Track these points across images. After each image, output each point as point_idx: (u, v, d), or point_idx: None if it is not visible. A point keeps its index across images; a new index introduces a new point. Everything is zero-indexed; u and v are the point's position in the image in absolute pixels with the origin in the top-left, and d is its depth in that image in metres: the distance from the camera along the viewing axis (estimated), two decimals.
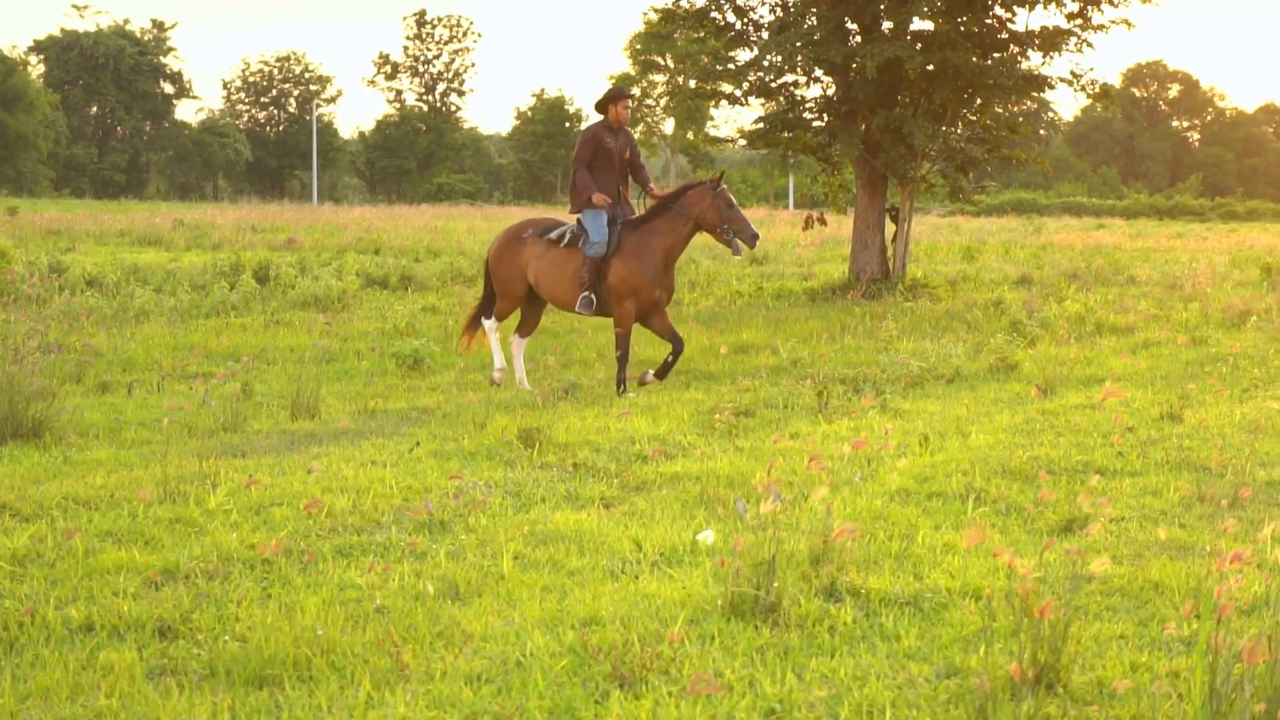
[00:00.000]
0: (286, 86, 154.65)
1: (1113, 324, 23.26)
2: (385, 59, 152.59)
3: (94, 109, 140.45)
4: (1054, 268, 37.31)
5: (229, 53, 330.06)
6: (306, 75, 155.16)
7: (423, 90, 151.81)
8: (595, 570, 8.78)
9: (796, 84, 32.16)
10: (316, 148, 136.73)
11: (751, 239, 16.30)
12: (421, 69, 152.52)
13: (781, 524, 8.42)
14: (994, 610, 7.80)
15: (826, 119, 31.38)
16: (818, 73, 31.47)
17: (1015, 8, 30.58)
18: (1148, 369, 18.27)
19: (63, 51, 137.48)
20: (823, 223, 33.48)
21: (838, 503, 10.29)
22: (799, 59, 30.24)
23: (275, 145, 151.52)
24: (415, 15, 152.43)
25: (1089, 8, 30.63)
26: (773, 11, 31.74)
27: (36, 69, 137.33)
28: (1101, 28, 30.76)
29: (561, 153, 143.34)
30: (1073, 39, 30.75)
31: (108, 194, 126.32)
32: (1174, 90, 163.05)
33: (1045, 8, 30.67)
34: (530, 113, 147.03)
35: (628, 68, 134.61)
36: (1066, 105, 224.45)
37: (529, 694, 6.68)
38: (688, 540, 9.44)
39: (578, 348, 19.70)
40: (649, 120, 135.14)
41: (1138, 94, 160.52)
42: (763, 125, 31.99)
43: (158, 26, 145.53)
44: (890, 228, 31.65)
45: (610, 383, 16.72)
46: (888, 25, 30.35)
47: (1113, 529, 9.97)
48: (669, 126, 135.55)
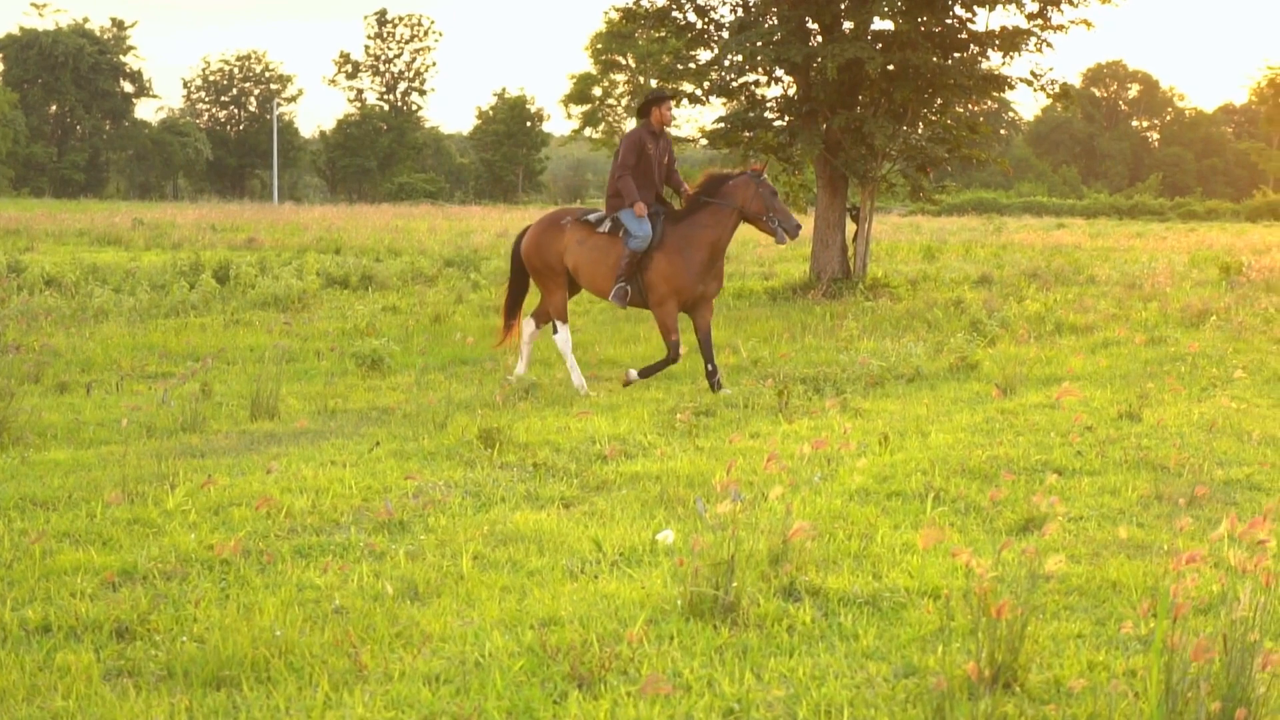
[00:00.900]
0: (247, 85, 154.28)
1: (1072, 323, 23.33)
2: (346, 58, 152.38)
3: (53, 108, 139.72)
4: (1014, 267, 37.40)
5: (189, 51, 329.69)
6: (267, 74, 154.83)
7: (384, 89, 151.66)
8: (555, 570, 8.77)
9: (757, 83, 32.20)
10: (277, 147, 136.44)
11: (794, 229, 16.43)
12: (382, 68, 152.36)
13: (741, 524, 8.42)
14: (952, 610, 7.82)
15: (787, 119, 31.39)
16: (778, 72, 31.50)
17: (975, 8, 30.63)
18: (1107, 368, 18.34)
19: (21, 50, 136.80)
20: None
21: (797, 502, 10.30)
22: (759, 58, 30.25)
23: (236, 144, 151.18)
24: (376, 14, 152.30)
25: (1049, 8, 30.71)
26: (733, 11, 31.75)
27: None
28: (1061, 28, 30.84)
29: (523, 152, 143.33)
30: (1032, 39, 30.82)
31: (67, 193, 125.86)
32: (1134, 90, 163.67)
33: (1005, 8, 30.75)
34: (491, 112, 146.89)
35: (589, 67, 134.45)
36: (1027, 105, 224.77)
37: (487, 694, 6.68)
38: (647, 540, 9.44)
39: (539, 347, 19.67)
40: (610, 119, 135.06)
41: (1098, 94, 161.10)
42: (724, 125, 32.00)
43: (117, 25, 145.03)
44: (851, 227, 31.69)
45: (569, 383, 16.69)
46: (848, 25, 30.38)
47: (1071, 528, 10.00)
48: (630, 126, 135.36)
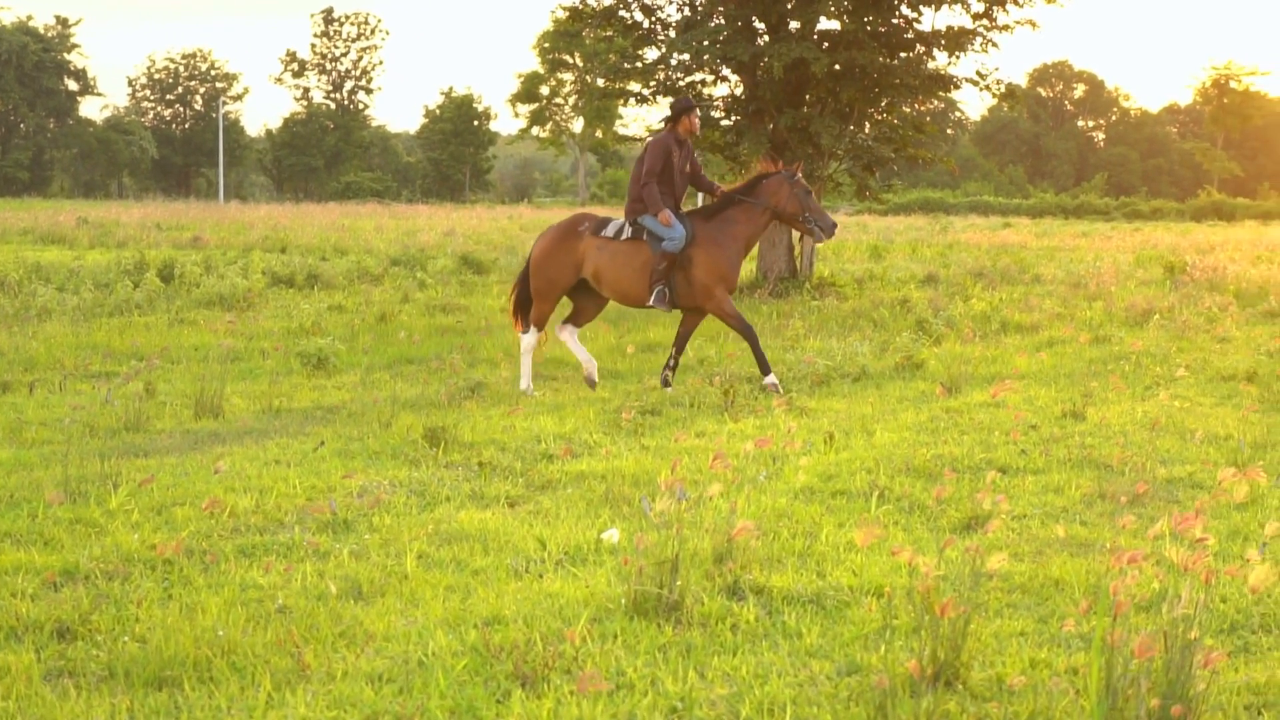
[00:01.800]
0: (193, 84, 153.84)
1: (1017, 322, 23.43)
2: (292, 56, 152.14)
3: None
4: (960, 266, 37.50)
5: (135, 50, 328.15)
6: (213, 73, 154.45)
7: (330, 88, 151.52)
8: (499, 569, 8.76)
9: (704, 83, 32.24)
10: (223, 145, 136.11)
11: (830, 228, 16.28)
12: (329, 67, 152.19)
13: (686, 523, 8.43)
14: (895, 608, 7.84)
15: (734, 118, 31.44)
16: (725, 72, 31.55)
17: (921, 8, 30.74)
18: (1051, 367, 18.41)
19: None
20: None
21: (742, 501, 10.32)
22: (706, 58, 30.32)
23: (181, 143, 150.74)
24: (323, 13, 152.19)
25: (994, 8, 30.83)
26: (680, 10, 31.77)
27: None
28: (1006, 28, 30.98)
29: (470, 151, 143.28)
30: (978, 39, 30.96)
31: (10, 192, 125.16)
32: (1079, 90, 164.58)
33: (951, 8, 30.87)
34: (439, 111, 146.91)
35: (537, 66, 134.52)
36: (973, 105, 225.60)
37: (430, 693, 6.66)
38: (592, 539, 9.44)
39: (484, 346, 19.66)
40: (558, 119, 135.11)
41: (1044, 94, 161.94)
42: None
43: (62, 23, 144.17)
44: None
45: (515, 382, 16.68)
46: (794, 25, 30.44)
47: (1015, 526, 10.03)
48: (578, 125, 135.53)
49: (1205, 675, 6.19)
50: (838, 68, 29.72)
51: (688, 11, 31.56)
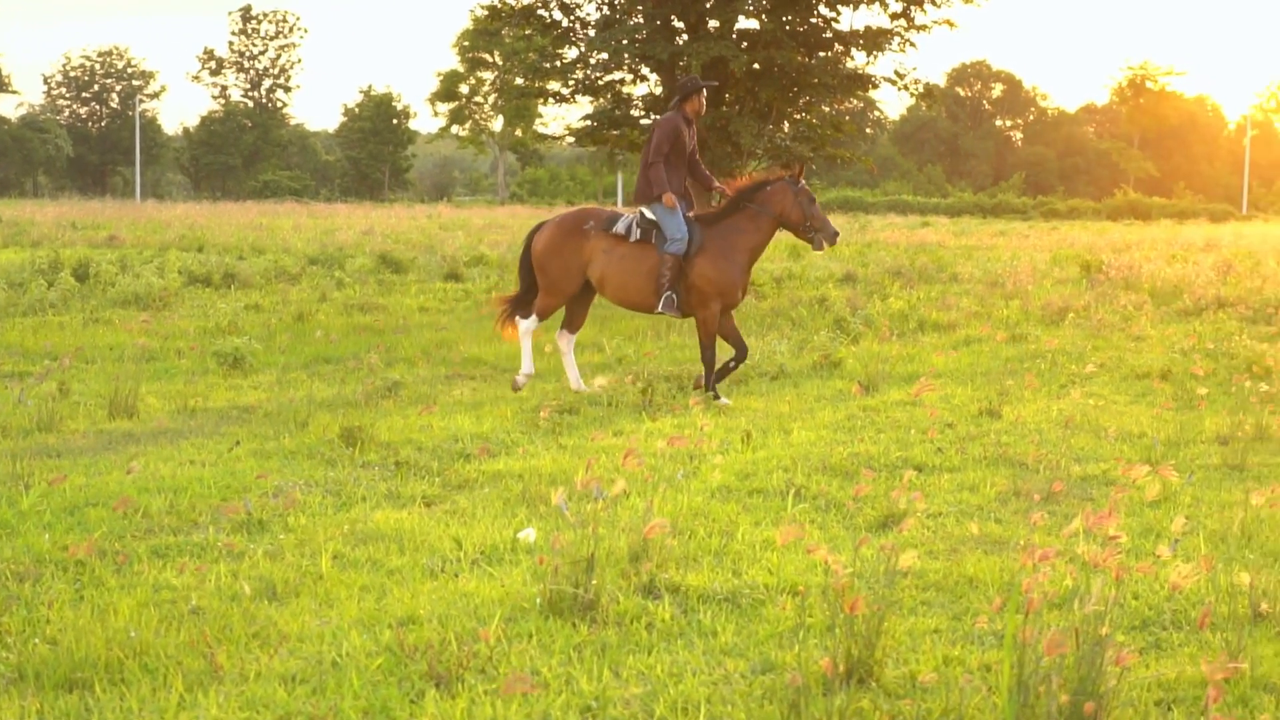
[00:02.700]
0: (109, 82, 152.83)
1: (935, 321, 23.53)
2: (210, 54, 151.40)
3: None
4: (879, 265, 37.58)
5: (51, 47, 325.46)
6: (129, 70, 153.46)
7: (248, 86, 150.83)
8: (415, 569, 8.73)
9: (623, 82, 32.25)
10: (140, 144, 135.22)
11: (833, 237, 16.01)
12: (247, 65, 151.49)
13: (602, 522, 8.43)
14: (810, 606, 7.86)
15: (654, 117, 31.45)
16: (644, 70, 31.57)
17: (839, 7, 30.88)
18: (968, 365, 18.51)
19: None
20: None
21: (658, 500, 10.32)
22: (625, 57, 30.33)
23: (97, 141, 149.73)
24: (241, 10, 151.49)
25: (912, 8, 31.00)
26: (599, 9, 31.78)
27: None
28: (924, 28, 31.16)
29: (389, 149, 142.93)
30: (896, 39, 31.12)
31: None
32: (997, 90, 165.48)
33: (869, 8, 31.05)
34: (358, 109, 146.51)
35: (456, 65, 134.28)
36: (892, 104, 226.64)
37: (344, 694, 6.63)
38: (509, 538, 9.41)
39: (402, 346, 19.59)
40: (477, 118, 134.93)
41: (962, 93, 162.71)
42: (590, 123, 32.03)
43: None
44: None
45: (433, 381, 16.64)
46: (714, 24, 30.50)
47: (930, 524, 10.07)
48: (498, 124, 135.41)
49: (1116, 672, 6.22)
50: (757, 67, 29.81)
51: (607, 10, 31.57)
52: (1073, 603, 6.58)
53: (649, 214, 15.93)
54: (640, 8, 30.57)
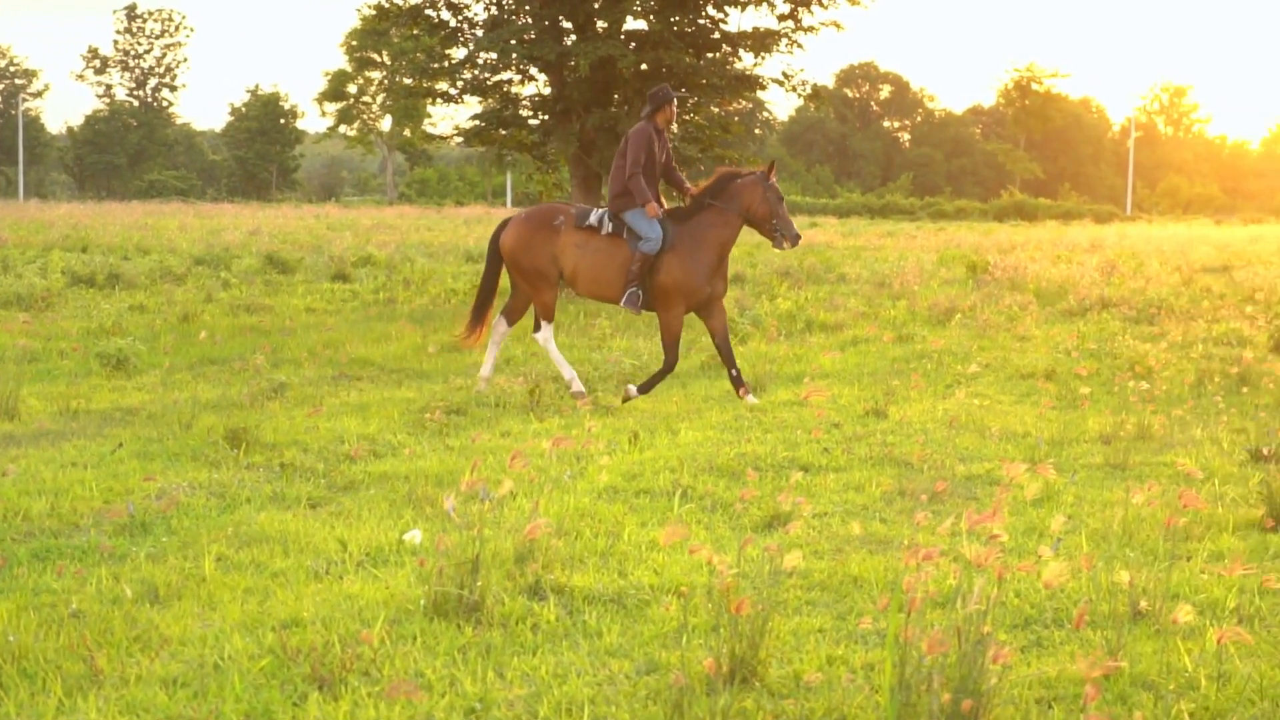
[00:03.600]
0: None
1: (822, 321, 23.65)
2: (95, 53, 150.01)
3: None
4: (767, 266, 37.70)
5: None
6: (12, 69, 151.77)
7: (134, 85, 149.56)
8: (299, 571, 8.67)
9: (511, 82, 32.19)
10: (23, 143, 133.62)
11: (795, 238, 15.89)
12: (132, 64, 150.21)
13: (488, 523, 8.41)
14: (695, 606, 7.87)
15: (542, 117, 31.44)
16: (533, 71, 31.53)
17: (727, 8, 30.93)
18: (855, 366, 18.60)
19: None
20: None
21: (544, 501, 10.31)
22: (513, 57, 30.27)
23: None
24: (126, 9, 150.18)
25: (799, 9, 31.11)
26: (487, 9, 31.69)
27: None
28: (812, 29, 31.28)
29: (276, 149, 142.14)
30: (784, 40, 31.21)
31: None
32: (885, 91, 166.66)
33: (756, 9, 31.11)
34: (245, 109, 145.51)
35: (344, 64, 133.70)
36: (781, 105, 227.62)
37: (225, 697, 6.58)
38: (394, 540, 9.38)
39: (288, 346, 19.46)
40: (365, 117, 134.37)
41: (850, 95, 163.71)
42: (479, 123, 31.95)
43: None
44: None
45: (320, 382, 16.56)
46: (602, 24, 30.49)
47: (816, 524, 10.11)
48: (386, 124, 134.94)
49: (997, 670, 6.26)
50: (645, 67, 29.83)
51: (494, 11, 31.49)
52: (955, 602, 6.61)
53: (625, 217, 15.89)
54: (528, 8, 30.53)
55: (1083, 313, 25.56)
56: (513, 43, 29.62)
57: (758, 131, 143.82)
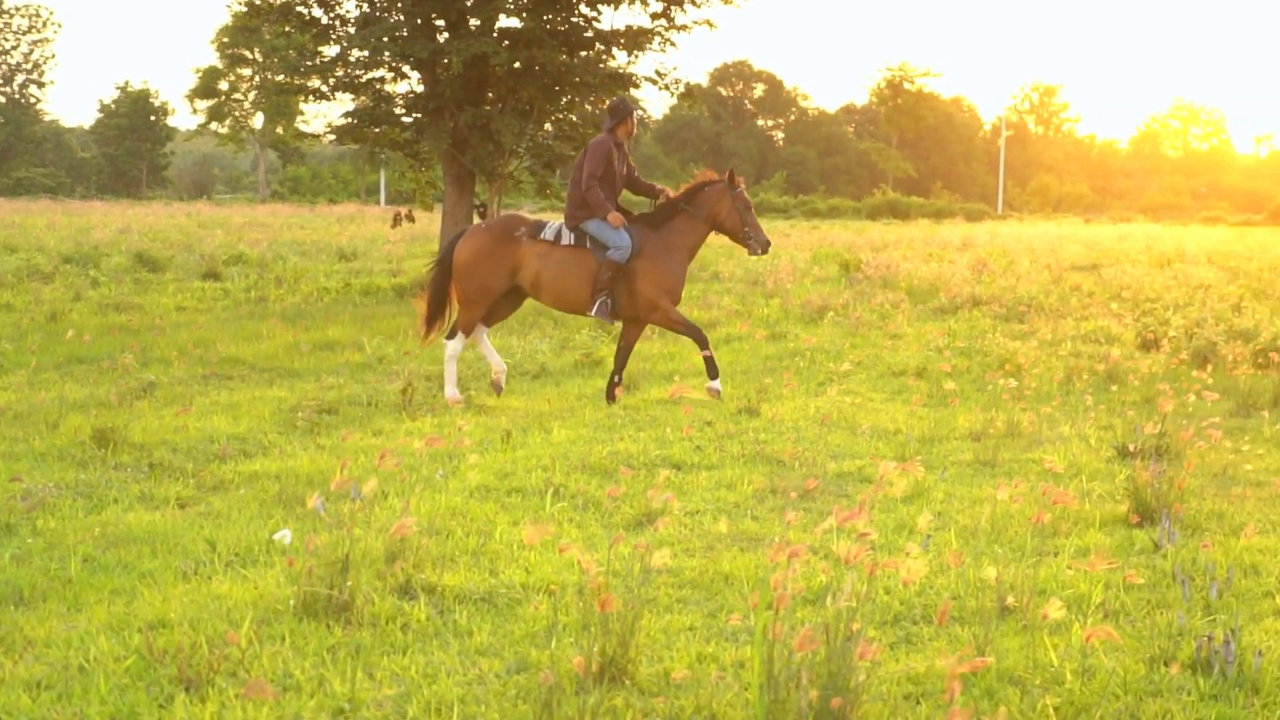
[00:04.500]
0: None
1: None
2: None
3: None
4: None
5: None
6: None
7: (0, 82, 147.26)
8: (167, 572, 8.59)
9: (384, 80, 32.00)
10: None
11: (766, 245, 15.86)
12: None
13: (359, 522, 8.37)
14: (565, 605, 7.87)
15: (415, 115, 31.29)
16: (405, 68, 31.36)
17: (600, 7, 30.87)
18: (728, 364, 18.66)
19: None
20: (410, 219, 33.45)
21: (416, 500, 10.27)
22: (385, 54, 30.11)
23: None
24: None
25: (672, 8, 31.11)
26: (359, 6, 31.49)
27: None
28: (684, 27, 31.28)
29: (147, 147, 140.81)
30: (657, 38, 31.20)
31: None
32: (759, 90, 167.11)
33: (630, 7, 31.07)
34: (114, 106, 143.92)
35: (215, 61, 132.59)
36: (655, 103, 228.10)
37: (90, 699, 6.51)
38: (264, 540, 9.31)
39: (158, 345, 19.26)
40: (237, 115, 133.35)
41: (724, 93, 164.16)
42: (351, 120, 31.75)
43: None
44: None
45: (190, 381, 16.41)
46: (475, 22, 30.38)
47: (688, 522, 10.13)
48: (259, 121, 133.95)
49: (865, 666, 6.31)
50: (518, 66, 29.75)
51: (366, 8, 31.29)
52: (825, 599, 6.64)
53: (585, 228, 15.73)
54: (400, 5, 30.36)
55: (954, 311, 25.80)
56: (385, 40, 29.45)
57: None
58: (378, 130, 31.74)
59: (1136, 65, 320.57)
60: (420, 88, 31.51)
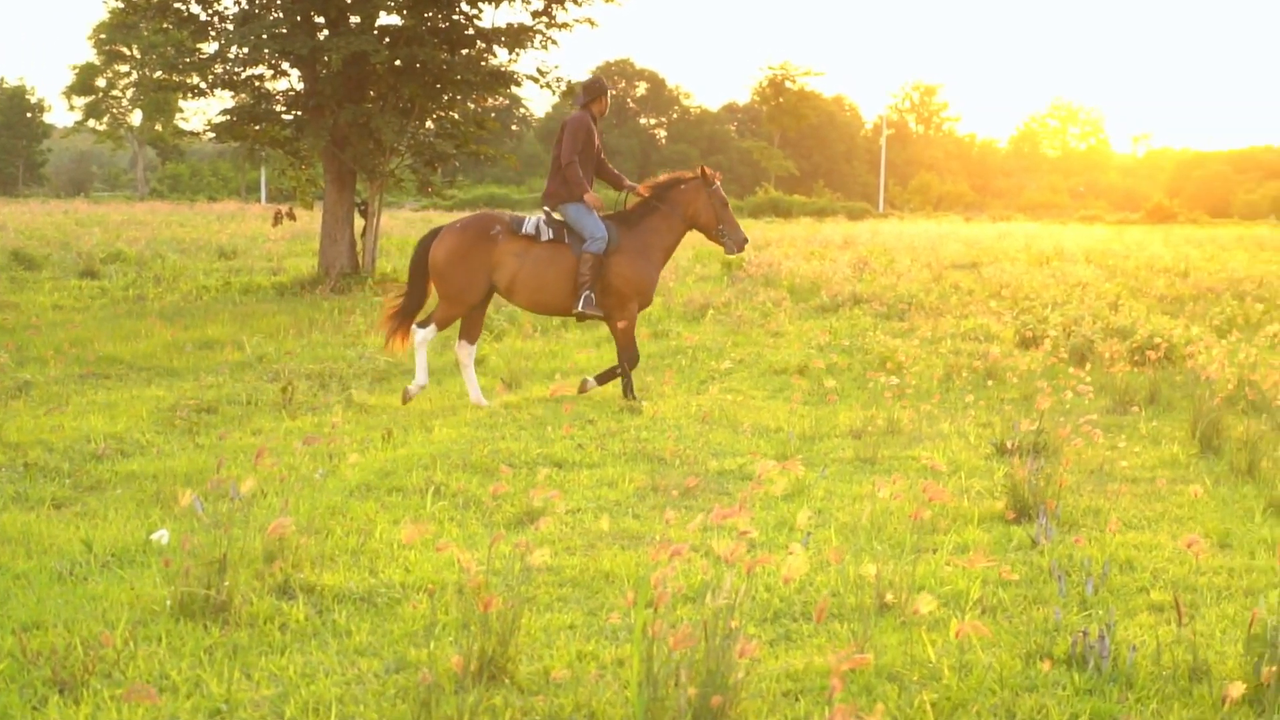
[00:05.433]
0: None
1: None
2: None
3: None
4: None
5: None
6: None
7: None
8: (41, 573, 8.49)
9: (264, 77, 31.79)
10: None
11: (742, 243, 15.66)
12: None
13: (237, 522, 8.31)
14: (445, 604, 7.84)
15: (295, 113, 31.12)
16: (285, 66, 31.19)
17: (481, 4, 30.83)
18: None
19: None
20: (291, 217, 33.32)
21: (295, 499, 10.20)
22: (265, 51, 29.92)
23: None
24: None
25: (553, 6, 31.11)
26: (237, 3, 31.28)
27: None
28: (566, 26, 31.28)
29: (23, 144, 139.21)
30: (538, 36, 31.18)
31: None
32: (642, 88, 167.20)
33: (511, 5, 31.12)
34: None
35: (93, 57, 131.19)
36: (538, 102, 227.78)
37: None
38: (141, 540, 9.22)
39: (34, 344, 19.04)
40: (115, 112, 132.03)
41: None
42: (230, 118, 31.52)
43: None
44: (360, 222, 31.63)
45: (66, 380, 16.23)
46: (355, 19, 30.27)
47: (568, 520, 10.13)
48: (137, 118, 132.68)
49: (745, 663, 6.32)
50: (398, 63, 29.65)
51: (245, 5, 31.09)
52: (704, 597, 6.65)
53: (557, 215, 15.54)
54: (279, 2, 30.20)
55: (835, 309, 25.95)
56: (264, 37, 29.27)
57: (515, 128, 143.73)
58: (257, 128, 31.55)
59: (1016, 65, 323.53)
60: (300, 85, 31.36)
